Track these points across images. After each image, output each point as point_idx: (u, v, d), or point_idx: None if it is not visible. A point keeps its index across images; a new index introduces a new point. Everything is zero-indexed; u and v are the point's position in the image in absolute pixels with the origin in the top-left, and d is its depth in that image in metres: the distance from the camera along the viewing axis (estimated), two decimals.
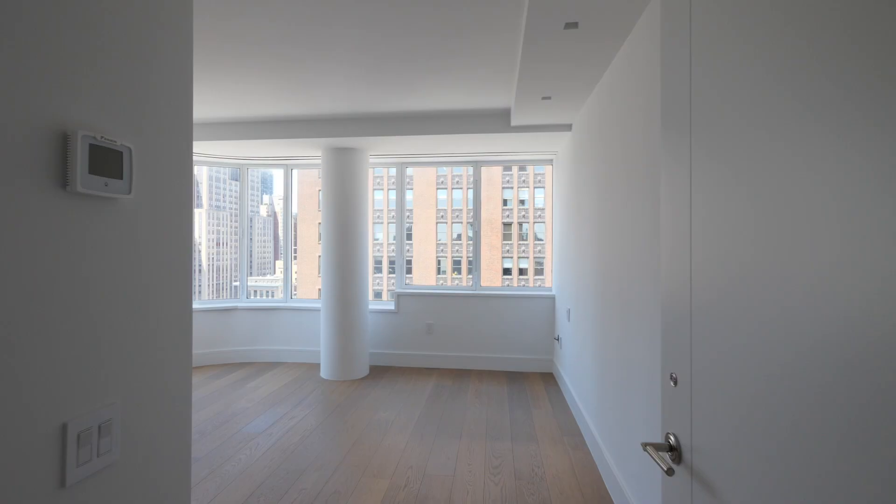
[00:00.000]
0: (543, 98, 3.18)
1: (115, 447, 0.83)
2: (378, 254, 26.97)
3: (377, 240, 27.03)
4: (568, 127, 3.86)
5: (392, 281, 5.13)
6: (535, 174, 27.25)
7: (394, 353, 4.87)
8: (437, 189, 26.46)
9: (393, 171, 5.12)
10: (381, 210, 27.14)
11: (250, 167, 5.18)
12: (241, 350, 4.97)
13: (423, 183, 26.53)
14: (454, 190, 26.75)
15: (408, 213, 23.66)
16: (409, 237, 25.80)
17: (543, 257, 25.32)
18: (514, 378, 4.46)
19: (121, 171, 0.83)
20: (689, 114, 0.88)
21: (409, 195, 25.30)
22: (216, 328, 4.89)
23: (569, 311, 3.85)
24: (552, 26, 2.12)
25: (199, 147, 4.43)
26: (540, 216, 26.71)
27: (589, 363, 3.07)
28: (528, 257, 25.56)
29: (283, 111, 3.85)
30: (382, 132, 4.04)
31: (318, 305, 4.82)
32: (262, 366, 4.81)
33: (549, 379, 4.42)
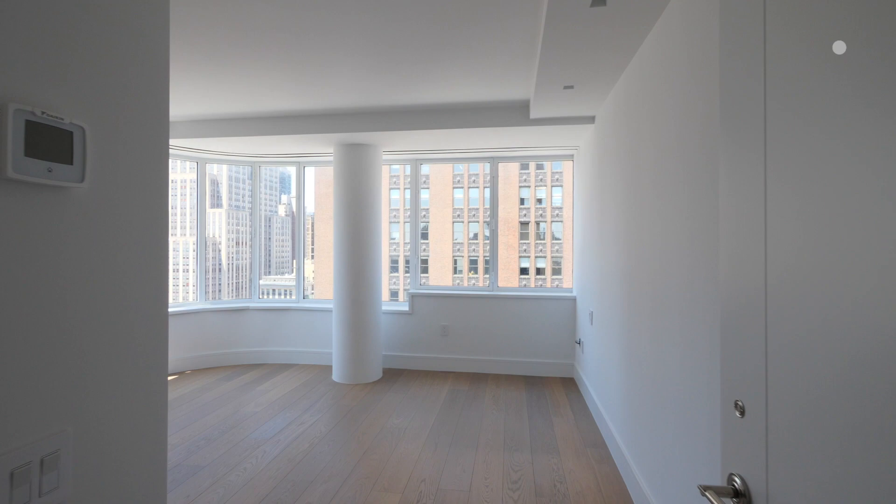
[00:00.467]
0: (565, 87, 3.00)
1: (65, 483, 0.69)
2: (395, 253, 26.91)
3: (394, 239, 26.98)
4: (591, 119, 3.66)
5: (409, 280, 5.00)
6: (553, 172, 26.87)
7: (408, 356, 4.73)
8: (454, 188, 26.29)
9: (409, 168, 4.98)
10: (398, 209, 27.08)
11: (262, 164, 5.09)
12: (253, 351, 4.89)
13: (439, 182, 26.39)
14: (471, 189, 26.55)
15: (423, 213, 23.55)
16: (426, 236, 25.69)
17: (561, 257, 24.94)
18: (534, 383, 4.27)
19: (70, 155, 0.69)
20: (762, 106, 0.71)
21: (425, 194, 25.19)
22: (228, 329, 4.82)
23: (591, 314, 3.65)
24: (577, 4, 1.94)
25: (209, 144, 4.35)
26: (557, 215, 26.32)
27: (614, 370, 2.87)
28: (545, 257, 25.20)
29: (293, 106, 3.74)
30: (395, 126, 3.90)
31: (331, 306, 4.69)
32: (273, 367, 4.72)
33: (570, 385, 4.23)
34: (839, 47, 0.56)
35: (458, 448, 2.91)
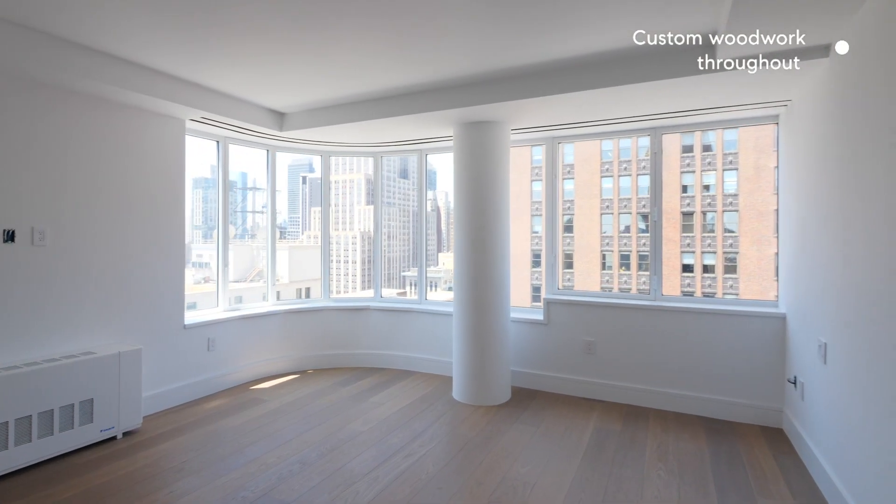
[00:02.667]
0: None
1: None
2: (536, 247, 25.81)
3: (536, 232, 25.89)
4: (822, 50, 2.39)
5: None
6: (725, 154, 22.80)
7: (542, 375, 3.91)
8: (602, 177, 24.08)
9: (545, 150, 4.11)
10: (540, 202, 25.89)
11: (384, 155, 4.74)
12: (374, 354, 4.57)
13: (585, 171, 24.42)
14: (621, 177, 24.02)
15: (567, 205, 22.03)
16: (570, 230, 24.06)
17: (736, 253, 21.04)
18: (718, 431, 3.10)
19: None
20: None
21: (569, 185, 23.65)
22: (350, 328, 4.58)
23: (823, 347, 2.39)
24: None
25: (326, 134, 4.06)
26: (731, 203, 22.25)
27: (891, 446, 1.69)
28: (714, 252, 21.54)
29: (402, 80, 3.17)
30: (523, 93, 3.09)
31: (451, 310, 4.11)
32: (393, 374, 4.33)
33: (777, 439, 2.96)
34: None
35: None
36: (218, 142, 3.99)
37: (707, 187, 23.05)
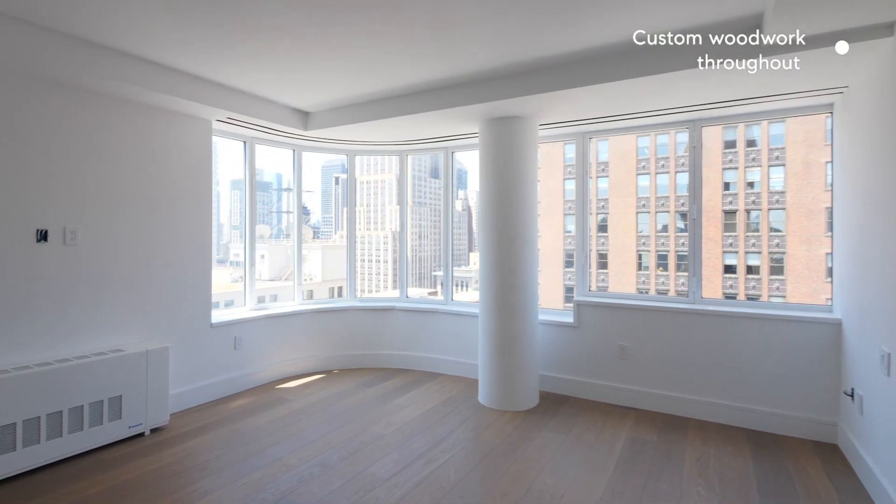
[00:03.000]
0: None
1: None
2: (570, 247, 25.28)
3: (569, 232, 25.38)
4: (888, 28, 2.16)
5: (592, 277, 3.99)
6: (770, 149, 21.68)
7: (572, 380, 3.75)
8: (638, 175, 23.34)
9: (575, 147, 3.94)
10: (573, 200, 25.35)
11: (410, 153, 4.69)
12: (400, 355, 4.52)
13: (620, 169, 23.73)
14: (658, 175, 23.21)
15: (602, 203, 21.47)
16: (604, 229, 23.44)
17: (783, 253, 19.97)
18: (764, 444, 2.87)
19: None
20: None
21: (603, 183, 23.11)
22: (375, 329, 4.55)
23: (887, 357, 2.16)
24: None
25: (349, 133, 4.02)
26: (777, 201, 21.15)
27: None
28: (759, 252, 20.51)
29: (425, 75, 3.09)
30: (550, 86, 2.96)
31: (477, 311, 4.00)
32: (418, 375, 4.26)
33: (831, 455, 2.71)
34: None
35: None
36: (245, 142, 4.03)
37: (751, 184, 21.98)
